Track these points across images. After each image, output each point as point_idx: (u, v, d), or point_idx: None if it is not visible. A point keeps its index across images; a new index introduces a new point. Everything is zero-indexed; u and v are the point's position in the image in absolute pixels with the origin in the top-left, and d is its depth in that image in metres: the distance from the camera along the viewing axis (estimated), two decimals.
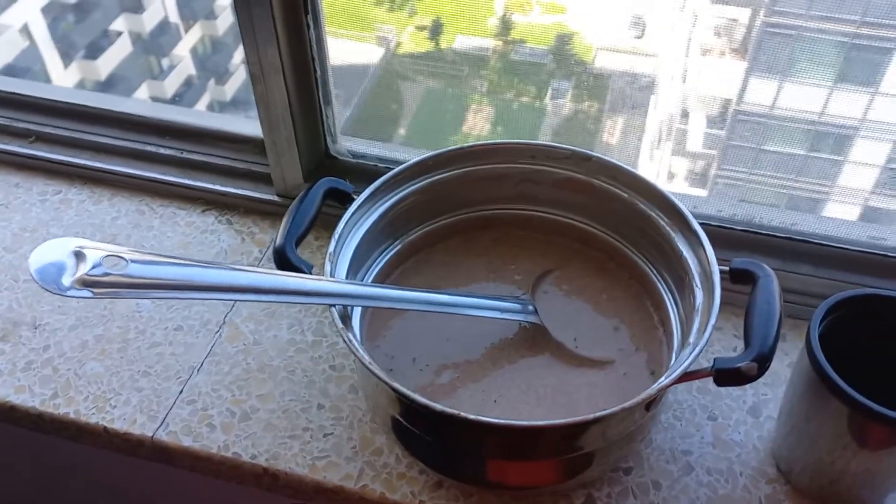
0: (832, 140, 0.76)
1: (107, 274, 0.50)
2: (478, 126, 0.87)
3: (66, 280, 0.49)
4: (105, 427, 0.66)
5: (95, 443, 0.68)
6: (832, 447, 0.57)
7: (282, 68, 0.72)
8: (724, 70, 0.74)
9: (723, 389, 0.67)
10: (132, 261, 0.51)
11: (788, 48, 0.69)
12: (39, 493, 0.92)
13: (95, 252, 0.51)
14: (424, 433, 0.58)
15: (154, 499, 0.87)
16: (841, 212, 0.79)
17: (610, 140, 0.84)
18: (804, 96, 0.71)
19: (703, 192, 0.88)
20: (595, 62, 0.77)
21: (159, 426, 0.66)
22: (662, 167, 0.89)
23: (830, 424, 0.56)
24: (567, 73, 0.79)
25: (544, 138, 0.84)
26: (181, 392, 0.68)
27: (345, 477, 0.63)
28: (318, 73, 0.75)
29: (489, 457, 0.58)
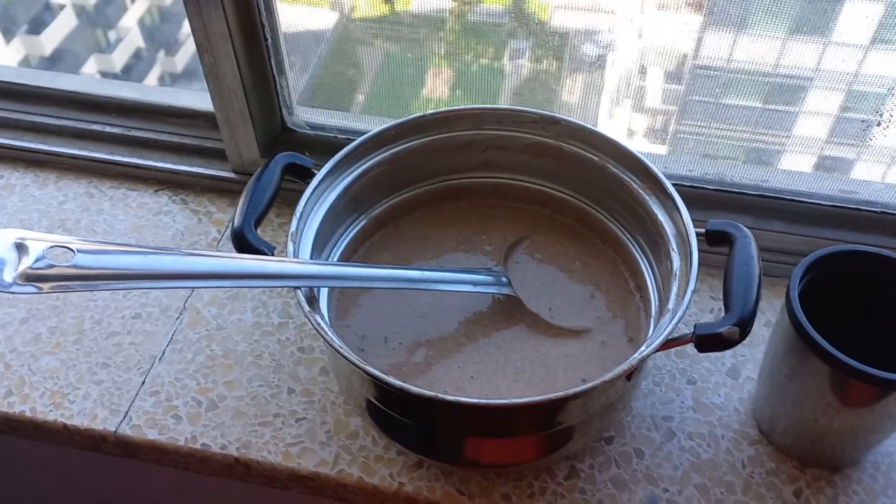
0: (787, 91, 0.76)
1: (52, 266, 0.46)
2: (438, 89, 0.85)
3: (8, 276, 0.45)
4: (65, 424, 0.63)
5: (55, 440, 0.65)
6: (815, 406, 0.56)
7: (229, 35, 0.68)
8: (680, 24, 0.73)
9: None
10: (79, 251, 0.48)
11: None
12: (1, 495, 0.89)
13: (39, 243, 0.47)
14: (402, 415, 0.56)
15: (126, 495, 0.84)
16: (799, 161, 0.80)
17: (570, 99, 0.82)
18: (759, 48, 0.71)
19: (663, 147, 0.87)
20: (552, 20, 0.76)
21: (122, 420, 0.63)
22: (622, 124, 0.88)
23: (812, 384, 0.55)
24: (525, 32, 0.78)
25: (505, 99, 0.82)
26: (143, 383, 0.65)
27: (320, 463, 0.60)
28: (269, 40, 0.71)
29: (469, 435, 0.56)
